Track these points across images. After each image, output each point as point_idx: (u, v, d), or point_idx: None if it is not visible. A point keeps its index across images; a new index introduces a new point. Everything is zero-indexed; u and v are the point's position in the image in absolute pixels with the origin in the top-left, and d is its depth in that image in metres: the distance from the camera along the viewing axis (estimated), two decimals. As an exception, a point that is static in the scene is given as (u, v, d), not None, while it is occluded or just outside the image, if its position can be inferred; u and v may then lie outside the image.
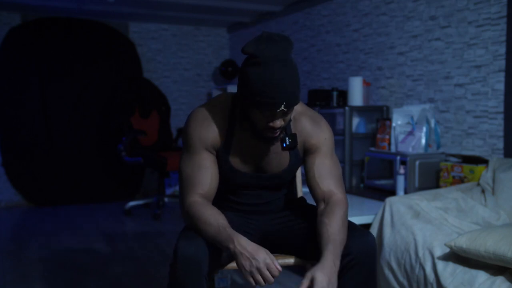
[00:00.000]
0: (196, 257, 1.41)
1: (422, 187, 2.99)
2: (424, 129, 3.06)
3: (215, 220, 1.46)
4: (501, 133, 2.85)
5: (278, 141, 1.56)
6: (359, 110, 3.62)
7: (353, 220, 2.27)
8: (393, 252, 2.32)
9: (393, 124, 3.22)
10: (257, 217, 1.73)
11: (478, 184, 2.61)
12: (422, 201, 2.44)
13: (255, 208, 1.72)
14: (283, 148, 1.58)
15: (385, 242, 2.38)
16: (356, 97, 3.60)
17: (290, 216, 1.74)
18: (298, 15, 4.78)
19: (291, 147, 1.59)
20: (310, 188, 1.61)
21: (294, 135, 1.57)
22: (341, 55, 4.20)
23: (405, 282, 2.25)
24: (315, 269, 1.37)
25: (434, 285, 2.06)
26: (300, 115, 1.62)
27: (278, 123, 1.44)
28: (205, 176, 1.56)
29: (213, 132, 1.56)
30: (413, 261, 2.20)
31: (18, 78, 4.90)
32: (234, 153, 1.58)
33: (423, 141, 3.07)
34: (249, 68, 1.39)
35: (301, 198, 1.88)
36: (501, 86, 2.84)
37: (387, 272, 2.35)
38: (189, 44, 6.00)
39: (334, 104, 3.79)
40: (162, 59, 5.86)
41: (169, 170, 4.41)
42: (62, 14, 5.21)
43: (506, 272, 1.87)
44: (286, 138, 1.57)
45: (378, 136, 3.38)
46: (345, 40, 4.14)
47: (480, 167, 2.72)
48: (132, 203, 4.75)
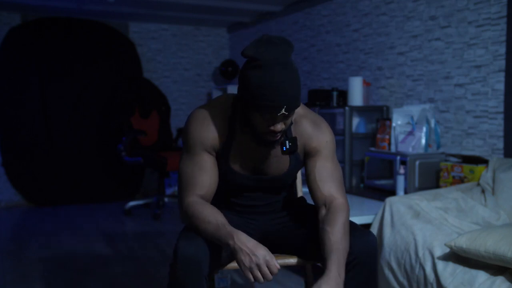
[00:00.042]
0: (196, 257, 1.41)
1: (422, 187, 2.99)
2: (424, 129, 3.06)
3: (214, 218, 1.46)
4: (501, 133, 2.85)
5: (279, 144, 1.55)
6: (359, 110, 3.62)
7: (353, 220, 2.26)
8: (393, 252, 2.32)
9: (393, 124, 3.22)
10: (257, 218, 1.73)
11: (478, 184, 2.61)
12: (422, 201, 2.44)
13: (255, 210, 1.72)
14: (283, 152, 1.57)
15: (385, 242, 2.38)
16: (356, 97, 3.60)
17: (290, 216, 1.74)
18: (298, 15, 4.78)
19: (291, 151, 1.57)
20: (311, 192, 1.60)
21: (294, 138, 1.56)
22: (341, 55, 4.20)
23: (405, 282, 2.25)
24: (320, 282, 1.36)
25: (434, 285, 2.06)
26: (301, 117, 1.60)
27: (279, 126, 1.42)
28: (204, 178, 1.55)
29: (213, 133, 1.55)
30: (413, 261, 2.20)
31: (18, 78, 4.90)
32: (234, 155, 1.57)
33: (423, 141, 3.07)
34: (249, 71, 1.37)
35: (301, 198, 1.87)
36: (501, 86, 2.84)
37: (387, 272, 2.35)
38: (189, 44, 6.00)
39: (334, 104, 3.79)
40: (162, 59, 5.86)
41: (169, 170, 4.41)
42: (62, 14, 5.21)
43: (506, 272, 1.87)
44: (286, 142, 1.55)
45: (378, 136, 3.38)
46: (345, 40, 4.14)
47: (480, 167, 2.72)
48: (132, 203, 4.75)
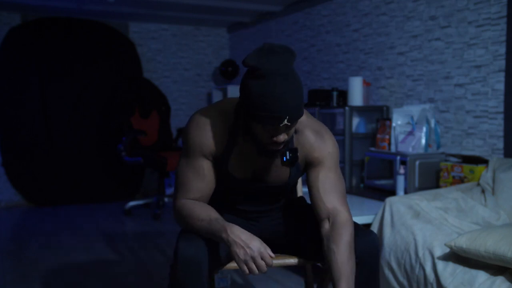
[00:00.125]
0: (196, 258, 1.41)
1: (422, 187, 2.99)
2: (424, 129, 3.06)
3: (206, 214, 1.47)
4: (501, 133, 2.85)
5: (280, 154, 1.52)
6: (359, 110, 3.62)
7: (353, 220, 2.27)
8: (393, 252, 2.32)
9: (393, 124, 3.22)
10: (258, 220, 1.73)
11: (478, 184, 2.61)
12: (422, 201, 2.44)
13: (255, 214, 1.72)
14: (283, 163, 1.54)
15: (385, 242, 2.38)
16: (356, 97, 3.60)
17: (290, 216, 1.74)
18: (298, 15, 4.77)
19: (292, 162, 1.54)
20: (313, 204, 1.56)
21: (295, 150, 1.53)
22: (341, 55, 4.20)
23: (405, 282, 2.24)
24: None
25: (434, 285, 2.06)
26: (304, 127, 1.56)
27: (282, 137, 1.39)
28: (199, 183, 1.54)
29: (213, 139, 1.52)
30: (413, 261, 2.20)
31: (18, 78, 4.90)
32: (234, 161, 1.55)
33: (423, 141, 3.07)
34: (251, 82, 1.34)
35: (301, 198, 1.87)
36: (501, 86, 2.84)
37: (387, 272, 2.35)
38: (189, 44, 6.00)
39: (334, 104, 3.79)
40: (162, 59, 5.86)
41: (169, 170, 4.42)
42: (62, 14, 5.21)
43: (506, 272, 1.87)
44: (287, 153, 1.52)
45: (378, 136, 3.38)
46: (345, 40, 4.14)
47: (480, 167, 2.71)
48: (132, 203, 4.75)
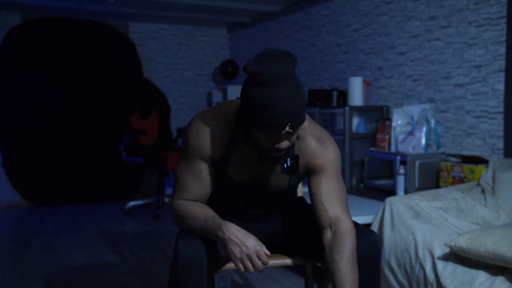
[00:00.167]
0: (196, 258, 1.42)
1: (422, 187, 2.99)
2: (424, 129, 3.06)
3: (202, 213, 1.48)
4: (501, 133, 2.85)
5: (280, 160, 1.52)
6: (359, 110, 3.62)
7: (354, 220, 2.27)
8: (393, 252, 2.32)
9: (393, 124, 3.22)
10: (257, 221, 1.73)
11: (478, 184, 2.61)
12: (422, 201, 2.44)
13: (254, 218, 1.72)
14: (283, 169, 1.53)
15: (385, 242, 2.38)
16: (356, 97, 3.60)
17: (290, 216, 1.74)
18: (298, 15, 4.77)
19: (292, 169, 1.53)
20: (315, 212, 1.54)
21: (297, 157, 1.51)
22: (341, 55, 4.20)
23: (405, 282, 2.24)
24: None
25: (434, 285, 2.06)
26: (306, 133, 1.54)
27: (284, 144, 1.37)
28: (196, 186, 1.54)
29: (212, 142, 1.50)
30: (413, 261, 2.20)
31: (18, 78, 4.90)
32: (233, 165, 1.54)
33: (423, 141, 3.07)
34: (252, 88, 1.32)
35: (301, 198, 1.87)
36: (501, 86, 2.84)
37: (387, 272, 2.35)
38: (189, 44, 6.00)
39: (334, 104, 3.79)
40: (162, 59, 5.86)
41: (169, 170, 4.41)
42: (62, 14, 5.21)
43: (506, 272, 1.87)
44: (288, 159, 1.51)
45: (378, 136, 3.38)
46: (345, 40, 4.14)
47: (480, 167, 2.71)
48: (132, 203, 4.75)
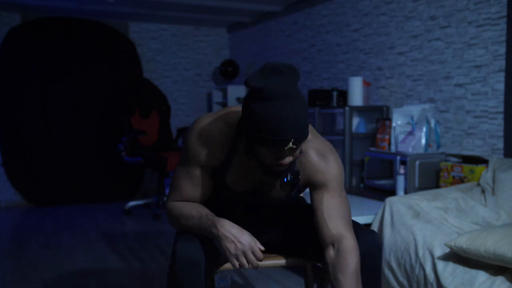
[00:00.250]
0: (194, 258, 1.42)
1: (422, 187, 2.99)
2: (424, 129, 3.06)
3: (196, 211, 1.48)
4: (501, 133, 2.85)
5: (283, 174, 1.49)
6: (359, 110, 3.62)
7: (354, 220, 2.27)
8: (393, 252, 2.32)
9: (393, 124, 3.22)
10: (258, 225, 1.72)
11: (478, 184, 2.61)
12: (422, 201, 2.44)
13: (254, 223, 1.71)
14: (283, 183, 1.52)
15: (385, 242, 2.38)
16: (356, 97, 3.60)
17: (289, 216, 1.74)
18: (298, 15, 4.77)
19: (292, 184, 1.52)
20: (317, 228, 1.51)
21: (297, 172, 1.49)
22: (341, 55, 4.20)
23: (405, 282, 2.24)
24: None
25: (434, 285, 2.06)
26: (308, 147, 1.50)
27: (287, 160, 1.35)
28: (194, 191, 1.54)
29: (213, 152, 1.48)
30: (413, 261, 2.20)
31: (18, 78, 4.90)
32: (232, 174, 1.52)
33: (423, 141, 3.07)
34: (254, 104, 1.28)
35: (301, 197, 1.87)
36: (501, 86, 2.84)
37: (387, 272, 2.35)
38: (189, 44, 6.00)
39: (334, 104, 3.78)
40: (162, 59, 5.86)
41: (169, 170, 4.41)
42: (62, 14, 5.21)
43: (506, 272, 1.87)
44: (288, 174, 1.48)
45: (378, 136, 3.38)
46: (345, 40, 4.14)
47: (480, 167, 2.71)
48: (132, 203, 4.75)
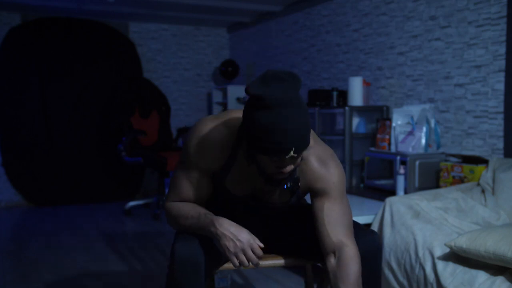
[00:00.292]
0: (193, 259, 1.42)
1: (422, 187, 2.99)
2: (424, 129, 3.06)
3: (195, 210, 1.49)
4: (501, 133, 2.85)
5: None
6: (359, 110, 3.62)
7: (354, 220, 2.27)
8: (393, 252, 2.32)
9: (393, 124, 3.22)
10: (258, 227, 1.72)
11: (478, 184, 2.61)
12: (422, 201, 2.44)
13: (254, 225, 1.71)
14: (282, 190, 1.51)
15: (385, 242, 2.38)
16: (356, 97, 3.60)
17: (289, 216, 1.74)
18: (298, 15, 4.77)
19: (292, 191, 1.51)
20: (318, 236, 1.50)
21: (297, 179, 1.48)
22: (341, 55, 4.20)
23: (405, 282, 2.24)
24: None
25: (434, 285, 2.06)
26: (309, 153, 1.49)
27: (288, 168, 1.34)
28: (192, 194, 1.54)
29: (214, 157, 1.48)
30: (413, 261, 2.20)
31: (18, 78, 4.90)
32: (232, 179, 1.52)
33: (423, 141, 3.07)
34: (255, 113, 1.27)
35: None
36: (501, 86, 2.84)
37: (387, 272, 2.35)
38: (189, 44, 6.00)
39: (334, 104, 3.78)
40: (162, 59, 5.86)
41: (169, 170, 4.41)
42: (62, 14, 5.21)
43: (506, 272, 1.87)
44: (288, 181, 1.47)
45: (378, 136, 3.38)
46: (345, 40, 4.14)
47: (480, 167, 2.71)
48: (132, 203, 4.75)
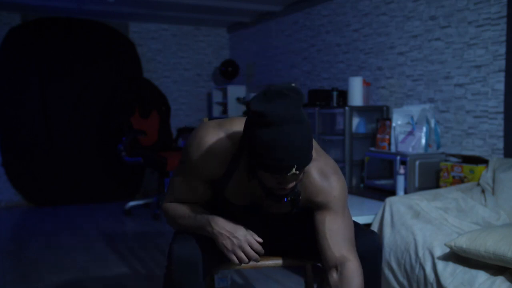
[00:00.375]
0: (191, 258, 1.42)
1: (422, 187, 2.99)
2: (424, 129, 3.06)
3: (191, 211, 1.49)
4: (501, 133, 2.85)
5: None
6: (359, 110, 3.62)
7: (354, 220, 2.27)
8: (393, 252, 2.32)
9: (393, 124, 3.22)
10: (256, 225, 1.72)
11: (478, 184, 2.61)
12: (422, 201, 2.44)
13: (253, 225, 1.70)
14: (283, 203, 1.49)
15: (385, 242, 2.38)
16: (356, 97, 3.60)
17: (289, 216, 1.73)
18: (298, 15, 4.77)
19: (292, 205, 1.49)
20: (320, 250, 1.48)
21: (298, 193, 1.45)
22: (341, 55, 4.20)
23: (405, 282, 2.24)
24: None
25: (434, 285, 2.06)
26: (310, 166, 1.46)
27: (290, 185, 1.33)
28: (190, 198, 1.54)
29: (214, 165, 1.45)
30: (413, 261, 2.20)
31: (18, 78, 4.90)
32: (232, 188, 1.50)
33: (423, 141, 3.07)
34: (257, 129, 1.25)
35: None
36: (501, 86, 2.84)
37: (387, 272, 2.35)
38: (189, 44, 6.00)
39: (334, 104, 3.79)
40: (162, 59, 5.86)
41: (169, 170, 4.41)
42: (62, 14, 5.21)
43: (506, 272, 1.87)
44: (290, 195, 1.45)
45: (378, 136, 3.38)
46: (345, 40, 4.14)
47: (480, 167, 2.71)
48: (132, 203, 4.75)
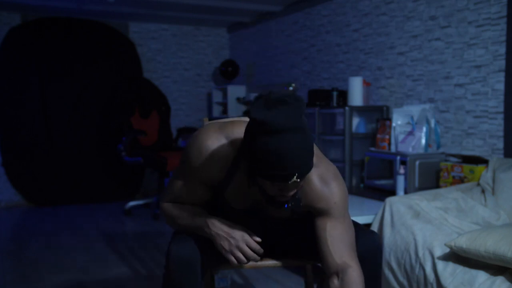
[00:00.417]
0: (189, 258, 1.42)
1: (422, 187, 2.99)
2: (424, 129, 3.06)
3: (189, 212, 1.50)
4: (501, 133, 2.85)
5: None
6: (359, 110, 3.62)
7: (354, 220, 2.27)
8: (393, 252, 2.32)
9: (393, 124, 3.22)
10: (256, 226, 1.72)
11: (478, 184, 2.61)
12: (422, 201, 2.44)
13: (253, 225, 1.70)
14: (284, 208, 1.48)
15: (385, 242, 2.38)
16: (356, 97, 3.60)
17: (289, 217, 1.73)
18: (298, 15, 4.77)
19: (293, 211, 1.50)
20: (321, 257, 1.48)
21: (299, 200, 1.45)
22: (341, 55, 4.20)
23: (405, 282, 2.24)
24: None
25: (434, 285, 2.06)
26: (311, 173, 1.45)
27: (291, 192, 1.33)
28: (188, 200, 1.54)
29: (214, 169, 1.44)
30: (413, 261, 2.20)
31: (18, 78, 4.90)
32: (232, 191, 1.50)
33: (423, 141, 3.07)
34: (258, 137, 1.24)
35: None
36: (501, 86, 2.84)
37: (387, 272, 2.35)
38: (189, 44, 6.00)
39: (334, 104, 3.79)
40: (162, 59, 5.86)
41: (169, 170, 4.41)
42: (62, 14, 5.21)
43: (506, 272, 1.87)
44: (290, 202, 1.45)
45: (378, 136, 3.38)
46: (345, 40, 4.14)
47: (480, 167, 2.71)
48: (132, 203, 4.75)
